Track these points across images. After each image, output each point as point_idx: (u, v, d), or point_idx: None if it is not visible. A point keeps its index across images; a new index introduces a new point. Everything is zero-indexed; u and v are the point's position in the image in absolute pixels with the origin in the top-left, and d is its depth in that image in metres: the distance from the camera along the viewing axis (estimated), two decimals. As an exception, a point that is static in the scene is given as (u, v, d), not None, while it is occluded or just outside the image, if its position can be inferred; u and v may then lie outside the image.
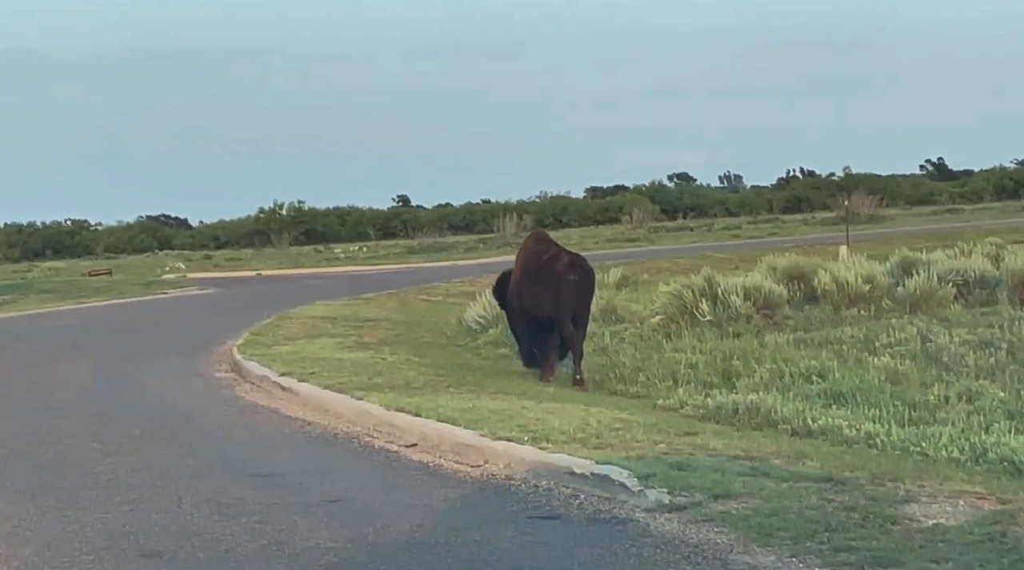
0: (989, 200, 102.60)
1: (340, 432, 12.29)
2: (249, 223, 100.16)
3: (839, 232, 61.40)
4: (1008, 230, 48.20)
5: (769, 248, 48.00)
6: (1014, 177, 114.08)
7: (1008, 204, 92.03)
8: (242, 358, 18.19)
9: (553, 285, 16.05)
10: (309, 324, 23.23)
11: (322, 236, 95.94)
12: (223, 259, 68.72)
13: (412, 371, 15.80)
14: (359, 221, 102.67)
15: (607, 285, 30.63)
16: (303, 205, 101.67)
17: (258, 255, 74.31)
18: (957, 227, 56.69)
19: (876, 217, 74.35)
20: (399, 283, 35.39)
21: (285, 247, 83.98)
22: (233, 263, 63.60)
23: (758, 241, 55.54)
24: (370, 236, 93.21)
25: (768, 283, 19.81)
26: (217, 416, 13.77)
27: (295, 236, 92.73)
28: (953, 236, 48.22)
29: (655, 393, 14.47)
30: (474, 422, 11.19)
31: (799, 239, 53.72)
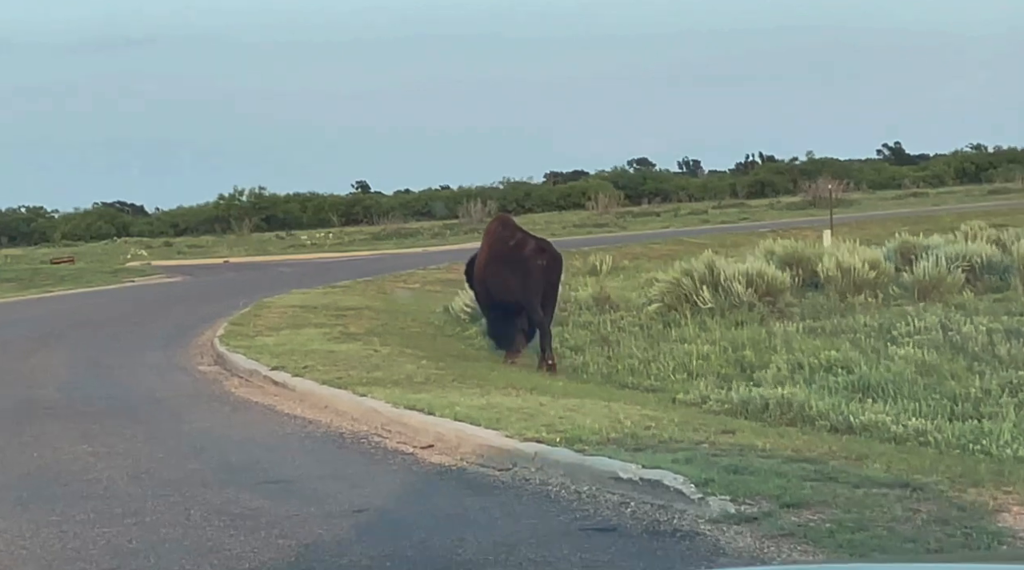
0: (951, 184, 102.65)
1: (346, 431, 11.53)
2: (209, 210, 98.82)
3: (809, 216, 60.97)
4: (983, 213, 47.88)
5: (744, 233, 47.54)
6: (975, 161, 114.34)
7: (971, 187, 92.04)
8: (226, 350, 17.37)
9: (521, 270, 15.91)
10: (290, 313, 22.39)
11: (283, 222, 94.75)
12: (184, 246, 67.48)
13: (410, 364, 15.03)
14: (320, 207, 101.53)
15: (593, 272, 30.04)
16: (264, 191, 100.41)
17: (219, 242, 73.10)
18: (929, 211, 56.45)
19: (844, 202, 73.92)
20: (373, 270, 34.52)
21: (246, 234, 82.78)
22: (195, 250, 62.44)
23: (730, 226, 54.99)
24: (332, 222, 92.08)
25: (771, 269, 19.15)
26: (209, 414, 12.98)
27: (256, 223, 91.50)
28: (928, 220, 47.91)
29: (671, 386, 13.79)
30: (495, 421, 10.47)
31: (772, 224, 53.17)
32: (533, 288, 15.81)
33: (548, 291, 16.08)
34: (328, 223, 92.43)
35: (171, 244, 72.09)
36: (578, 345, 17.34)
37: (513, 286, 15.93)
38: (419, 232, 68.79)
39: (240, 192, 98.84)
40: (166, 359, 17.96)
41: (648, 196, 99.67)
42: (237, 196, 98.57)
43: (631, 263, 34.15)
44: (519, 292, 15.83)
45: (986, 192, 79.96)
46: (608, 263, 28.40)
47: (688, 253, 40.21)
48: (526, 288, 15.79)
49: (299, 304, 24.33)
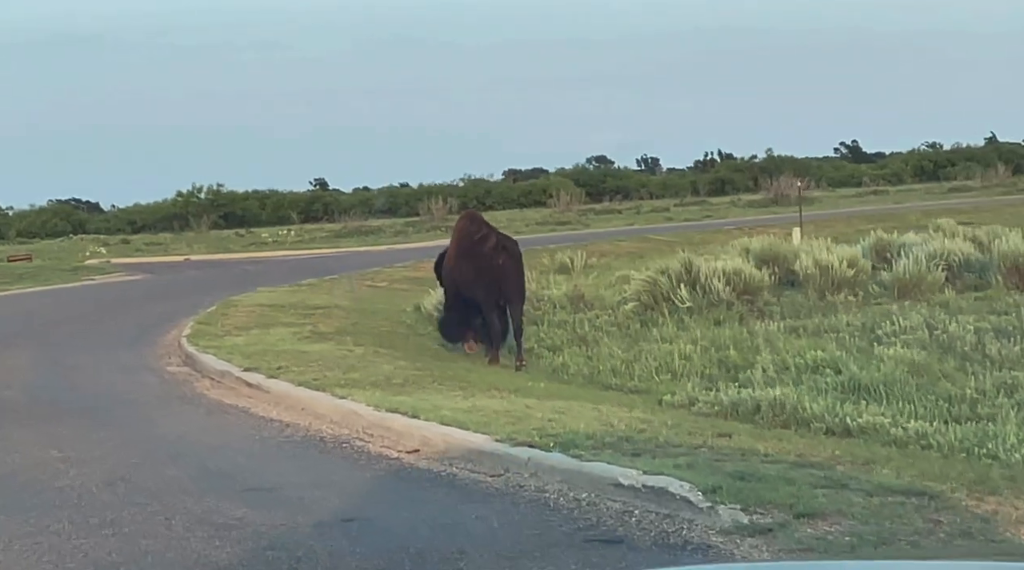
0: (910, 182, 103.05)
1: (327, 435, 11.15)
2: (167, 207, 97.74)
3: (772, 214, 60.96)
4: (947, 211, 47.92)
5: (709, 231, 47.41)
6: (933, 159, 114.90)
7: (931, 185, 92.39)
8: (195, 350, 16.93)
9: (482, 265, 16.12)
10: (257, 312, 21.94)
11: (241, 220, 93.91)
12: (142, 243, 66.69)
13: (387, 365, 14.66)
14: (280, 205, 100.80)
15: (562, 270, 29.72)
16: (222, 188, 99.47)
17: (177, 239, 72.28)
18: (892, 208, 56.50)
19: (806, 199, 73.86)
20: (338, 268, 34.06)
21: (205, 231, 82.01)
22: (153, 247, 61.66)
23: (695, 224, 54.83)
24: (292, 220, 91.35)
25: (748, 267, 18.90)
26: (183, 417, 12.56)
27: (214, 220, 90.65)
28: (893, 218, 47.87)
29: (656, 388, 13.53)
30: (483, 425, 10.13)
31: (737, 221, 53.09)
32: (492, 283, 16.00)
33: (512, 287, 16.17)
34: (287, 220, 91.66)
35: (129, 241, 71.24)
36: (556, 345, 17.05)
37: (475, 282, 16.16)
38: (381, 230, 68.31)
39: (198, 189, 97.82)
40: (133, 359, 17.49)
41: (609, 194, 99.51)
42: (195, 193, 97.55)
43: (599, 261, 33.85)
44: (482, 288, 16.05)
45: (946, 190, 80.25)
46: (582, 261, 27.97)
47: (655, 251, 40.13)
48: (486, 283, 16.02)
49: (266, 303, 23.89)
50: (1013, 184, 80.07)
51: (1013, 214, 43.10)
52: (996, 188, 76.71)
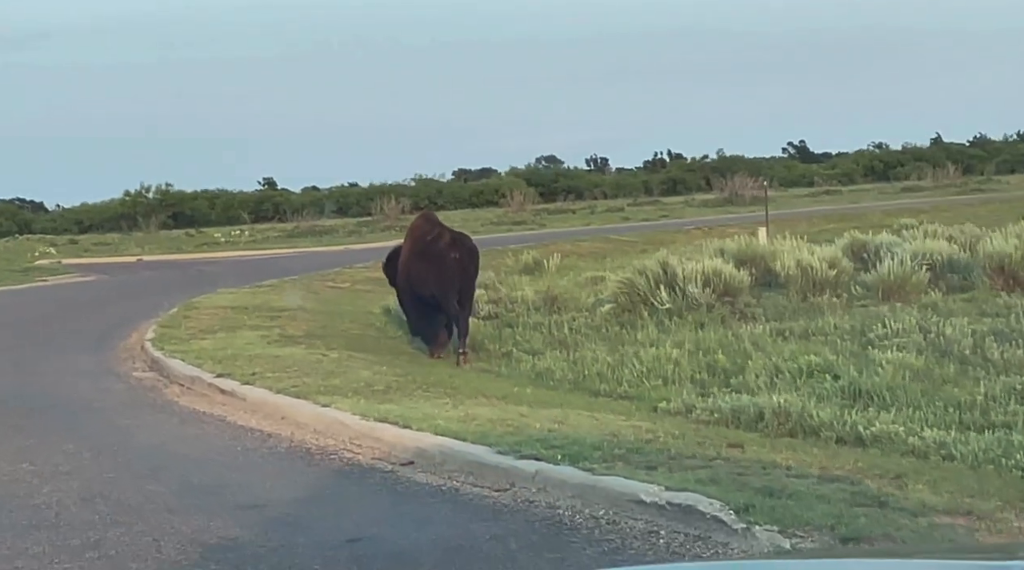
0: (860, 182, 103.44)
1: (312, 446, 10.62)
2: (114, 206, 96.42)
3: (729, 213, 60.80)
4: (907, 211, 47.90)
5: (670, 230, 47.10)
6: (883, 159, 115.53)
7: (882, 185, 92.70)
8: (161, 355, 16.32)
9: (437, 263, 16.18)
10: (221, 315, 21.32)
11: (191, 220, 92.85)
12: (91, 244, 65.58)
13: (365, 370, 14.13)
14: (229, 204, 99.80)
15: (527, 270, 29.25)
16: (171, 188, 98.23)
17: (126, 239, 71.21)
18: (849, 208, 56.41)
19: (759, 199, 73.96)
20: (297, 269, 33.44)
21: (154, 231, 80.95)
22: (102, 248, 60.63)
23: (653, 224, 54.51)
24: (243, 220, 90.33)
25: (728, 268, 18.48)
26: (156, 427, 11.98)
27: (163, 220, 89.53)
28: (854, 217, 47.75)
29: (647, 394, 13.02)
30: (481, 435, 9.64)
31: (696, 221, 52.85)
32: (448, 281, 16.04)
33: (465, 285, 16.27)
34: (238, 220, 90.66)
35: (77, 241, 70.07)
36: (536, 349, 16.54)
37: (430, 279, 16.20)
38: (334, 230, 67.58)
39: (147, 189, 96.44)
40: (96, 364, 16.85)
41: (562, 194, 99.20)
42: (143, 193, 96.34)
43: (563, 261, 33.35)
44: (435, 285, 16.12)
45: (899, 190, 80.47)
46: (549, 261, 27.48)
47: (617, 251, 39.76)
48: (441, 281, 16.06)
49: (229, 305, 23.26)
50: (964, 184, 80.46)
51: (972, 213, 43.08)
52: (948, 188, 77.01)
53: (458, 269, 16.18)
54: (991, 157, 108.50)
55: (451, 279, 16.10)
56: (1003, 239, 17.91)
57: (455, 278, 16.14)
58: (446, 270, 16.11)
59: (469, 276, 16.43)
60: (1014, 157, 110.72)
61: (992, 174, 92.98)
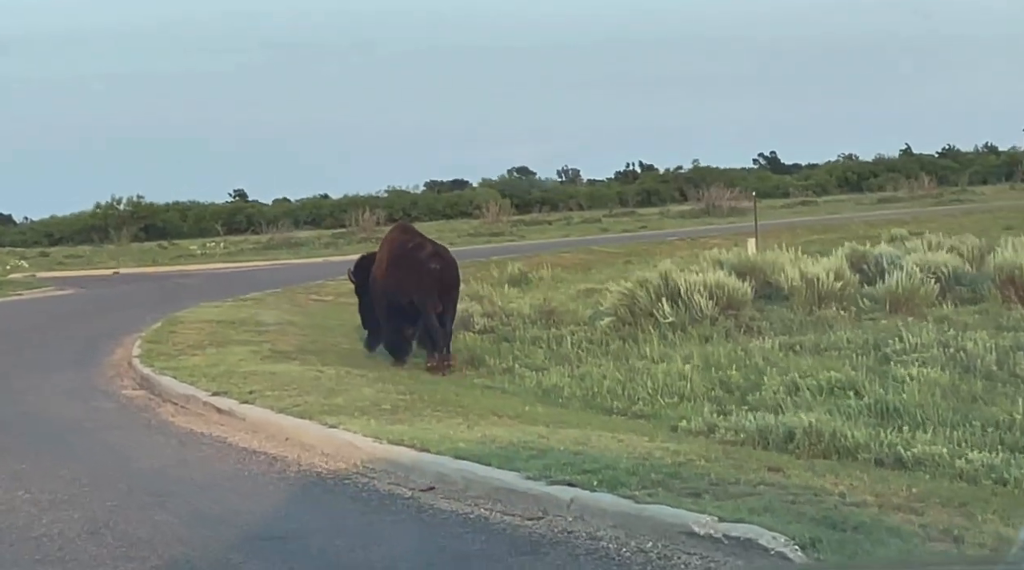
0: (834, 193, 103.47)
1: (323, 471, 10.09)
2: (85, 219, 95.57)
3: (708, 225, 60.51)
4: (888, 222, 47.66)
5: (651, 242, 46.70)
6: (856, 170, 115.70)
7: (858, 196, 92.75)
8: (151, 372, 15.76)
9: (416, 274, 16.31)
10: (208, 329, 20.76)
11: (163, 232, 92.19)
12: (62, 256, 64.76)
13: (367, 388, 13.60)
14: (201, 216, 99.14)
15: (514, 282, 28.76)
16: (142, 200, 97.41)
17: (98, 252, 70.46)
18: (830, 219, 56.16)
19: (737, 210, 73.77)
20: (278, 281, 32.88)
21: (126, 243, 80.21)
22: (74, 260, 59.85)
23: (633, 235, 54.10)
24: (215, 232, 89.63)
25: (731, 280, 18.05)
26: (155, 449, 11.42)
27: (134, 232, 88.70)
28: (836, 228, 47.48)
29: (663, 412, 12.57)
30: (506, 459, 9.14)
31: (678, 233, 52.51)
32: (427, 291, 16.18)
33: (446, 296, 16.43)
34: (210, 232, 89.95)
35: (48, 254, 69.28)
36: (538, 364, 16.08)
37: (410, 289, 16.32)
38: (309, 241, 66.95)
39: (118, 201, 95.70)
40: (82, 381, 16.27)
41: (536, 205, 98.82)
42: (115, 205, 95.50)
43: (549, 273, 32.89)
44: (415, 295, 16.23)
45: (875, 201, 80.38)
46: (535, 273, 26.93)
47: (601, 262, 39.30)
48: (420, 291, 16.19)
49: (214, 319, 22.70)
50: (939, 195, 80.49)
51: (957, 224, 42.94)
52: (924, 198, 77.02)
53: (438, 280, 16.33)
54: (963, 168, 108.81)
55: (430, 289, 16.24)
56: (1013, 251, 17.53)
57: (435, 287, 16.29)
58: (426, 280, 16.26)
59: (450, 287, 16.59)
60: (985, 168, 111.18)
61: (965, 185, 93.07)
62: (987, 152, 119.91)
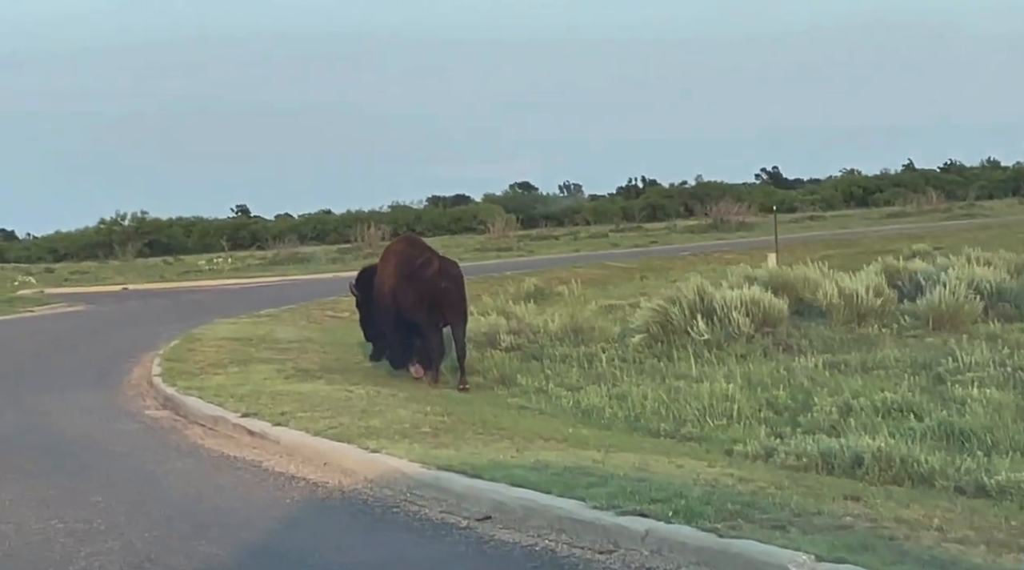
0: (840, 207, 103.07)
1: (368, 498, 9.60)
2: (89, 235, 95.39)
3: (718, 240, 60.05)
4: (903, 237, 47.26)
5: (664, 257, 46.25)
6: (862, 185, 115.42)
7: (864, 211, 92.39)
8: (175, 392, 15.28)
9: (426, 288, 16.16)
10: (227, 347, 20.28)
11: (167, 248, 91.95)
12: (68, 272, 64.27)
13: (402, 409, 13.11)
14: (206, 232, 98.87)
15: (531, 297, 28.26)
16: (146, 215, 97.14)
17: (103, 268, 70.05)
18: (843, 234, 55.69)
19: (746, 225, 73.41)
20: (291, 298, 32.40)
21: (131, 259, 79.90)
22: (80, 277, 59.41)
23: (643, 250, 53.62)
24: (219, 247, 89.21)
25: (767, 296, 17.56)
26: (187, 474, 10.92)
27: (139, 248, 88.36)
28: (851, 243, 47.11)
29: (712, 434, 12.09)
30: (566, 487, 8.66)
31: (689, 247, 52.05)
32: (436, 307, 16.11)
33: (454, 311, 16.24)
34: (214, 248, 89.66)
35: (53, 270, 68.85)
36: (573, 384, 15.58)
37: (418, 305, 16.19)
38: (315, 257, 66.53)
39: (122, 216, 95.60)
40: (105, 401, 15.78)
41: (541, 220, 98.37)
42: (119, 220, 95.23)
43: (566, 288, 32.38)
44: (424, 311, 16.12)
45: (884, 215, 79.98)
46: (565, 289, 26.42)
47: (616, 277, 38.82)
48: (431, 307, 16.09)
49: (232, 336, 22.23)
50: (948, 209, 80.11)
51: (973, 238, 42.39)
52: (933, 213, 76.65)
53: (446, 297, 16.17)
54: (969, 183, 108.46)
55: (438, 307, 16.13)
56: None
57: (442, 306, 16.15)
58: (435, 297, 16.09)
59: (459, 303, 16.39)
60: (991, 183, 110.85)
61: (973, 200, 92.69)
62: (990, 167, 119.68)
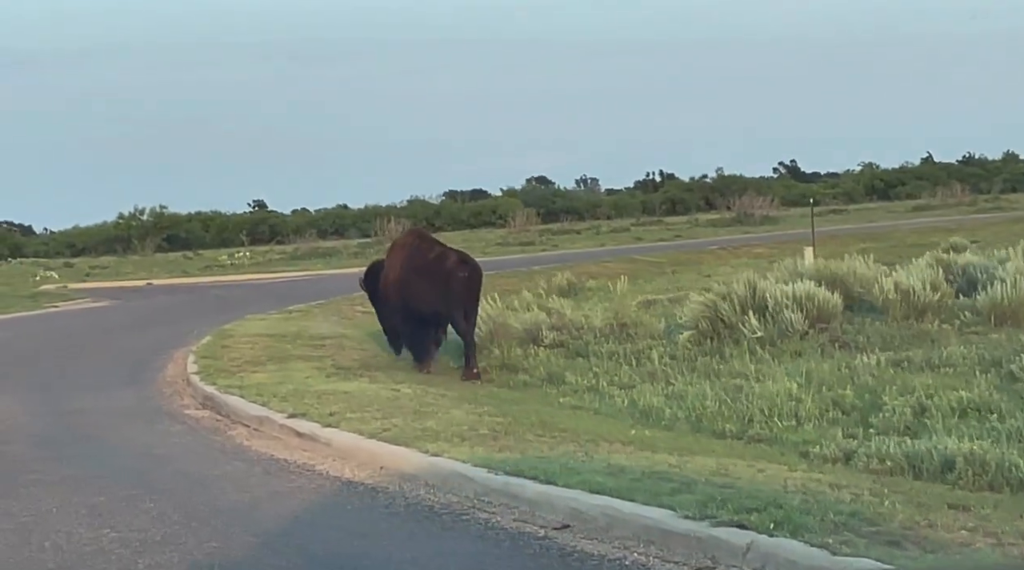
0: (861, 201, 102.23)
1: (434, 504, 9.11)
2: (107, 229, 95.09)
3: (745, 233, 59.43)
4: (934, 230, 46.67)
5: (692, 251, 45.70)
6: (883, 178, 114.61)
7: (888, 204, 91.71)
8: (215, 390, 14.83)
9: (443, 282, 16.30)
10: (261, 344, 19.84)
11: (185, 242, 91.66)
12: (87, 267, 63.97)
13: (455, 409, 12.62)
14: (224, 226, 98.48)
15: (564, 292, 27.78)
16: (165, 210, 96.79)
17: (123, 262, 69.70)
18: (872, 227, 55.00)
19: (770, 218, 72.80)
20: (320, 293, 31.93)
21: (149, 254, 79.57)
22: (100, 271, 59.08)
23: (668, 244, 53.09)
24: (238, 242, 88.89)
25: (821, 292, 17.05)
26: (237, 478, 10.44)
27: (158, 242, 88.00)
28: (882, 236, 46.45)
29: (782, 435, 11.60)
30: (652, 495, 8.15)
31: (716, 241, 51.46)
32: (456, 300, 16.23)
33: (470, 302, 16.48)
34: (232, 242, 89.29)
35: (72, 265, 68.51)
36: (626, 382, 15.09)
37: (434, 298, 16.32)
38: (337, 251, 66.05)
39: (140, 211, 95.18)
40: (141, 401, 15.34)
41: (561, 214, 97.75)
42: (137, 215, 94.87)
43: (596, 283, 31.87)
44: (442, 304, 16.27)
45: (908, 209, 79.18)
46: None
47: (646, 272, 38.26)
48: (449, 300, 16.23)
49: (265, 332, 21.80)
50: (973, 202, 79.35)
51: (1007, 232, 41.70)
52: (959, 206, 75.84)
53: (466, 287, 16.36)
54: (991, 175, 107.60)
55: (459, 297, 16.26)
56: None
57: (463, 296, 16.31)
58: (454, 288, 16.24)
59: (475, 293, 16.65)
60: (1013, 176, 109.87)
61: (997, 193, 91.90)
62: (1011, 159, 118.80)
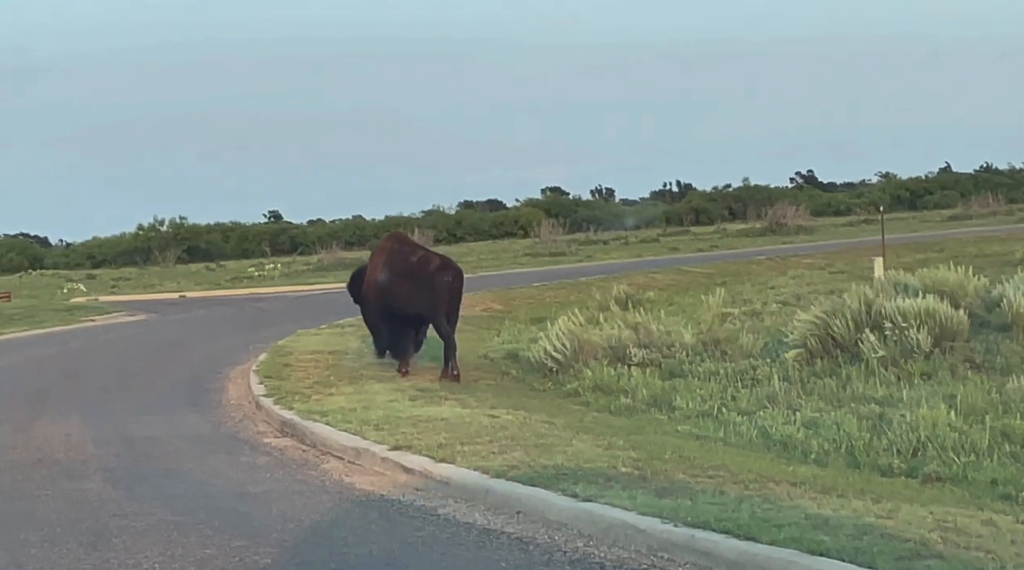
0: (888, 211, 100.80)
1: (602, 560, 7.75)
2: (127, 240, 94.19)
3: (782, 244, 58.02)
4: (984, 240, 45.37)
5: (737, 261, 44.32)
6: (909, 188, 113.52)
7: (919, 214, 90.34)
8: (296, 417, 13.48)
9: (427, 286, 16.54)
10: (324, 362, 18.54)
11: (206, 253, 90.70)
12: (109, 279, 62.81)
13: (576, 440, 11.24)
14: (244, 237, 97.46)
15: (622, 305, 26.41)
16: (185, 221, 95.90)
17: (144, 274, 68.61)
18: (919, 237, 53.54)
19: (804, 228, 71.49)
20: (364, 306, 30.56)
21: (170, 265, 78.46)
22: (123, 283, 57.93)
23: (707, 256, 51.69)
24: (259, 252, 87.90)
25: (944, 307, 15.66)
26: (357, 526, 9.05)
27: (178, 253, 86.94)
28: (933, 246, 45.07)
29: (964, 473, 10.23)
30: (895, 561, 6.77)
31: (758, 251, 50.02)
32: (439, 303, 16.43)
33: (453, 305, 16.70)
34: (253, 253, 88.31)
35: (94, 276, 67.40)
36: (745, 407, 13.71)
37: (417, 300, 16.56)
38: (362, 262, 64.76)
39: (160, 222, 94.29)
40: (210, 427, 14.00)
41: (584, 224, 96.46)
42: (157, 226, 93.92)
43: (654, 295, 30.49)
44: (425, 306, 16.50)
45: (945, 218, 77.78)
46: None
47: (695, 284, 36.78)
48: (432, 303, 16.45)
49: (323, 349, 20.50)
50: (1010, 211, 77.97)
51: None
52: (997, 216, 74.46)
53: (449, 291, 16.53)
54: (1019, 185, 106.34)
55: (442, 300, 16.44)
56: None
57: (447, 298, 16.51)
58: (437, 291, 16.44)
59: (457, 297, 16.81)
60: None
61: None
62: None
